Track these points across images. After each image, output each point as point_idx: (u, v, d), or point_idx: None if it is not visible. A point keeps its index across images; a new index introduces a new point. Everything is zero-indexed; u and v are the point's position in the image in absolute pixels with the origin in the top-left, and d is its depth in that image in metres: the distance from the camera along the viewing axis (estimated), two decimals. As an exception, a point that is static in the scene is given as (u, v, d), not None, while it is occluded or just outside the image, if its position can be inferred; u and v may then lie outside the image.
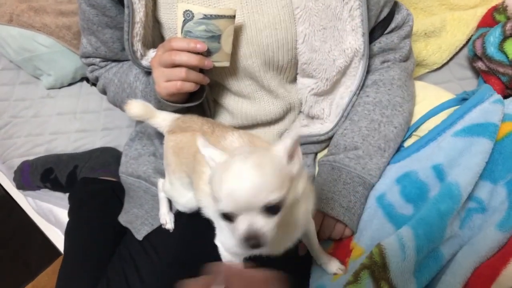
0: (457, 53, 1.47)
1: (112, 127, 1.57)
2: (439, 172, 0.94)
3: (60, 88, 1.72)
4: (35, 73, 1.72)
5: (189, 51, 0.89)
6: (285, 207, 0.64)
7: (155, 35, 1.05)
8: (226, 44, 0.93)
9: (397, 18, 1.05)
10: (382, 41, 1.05)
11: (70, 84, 1.73)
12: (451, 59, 1.47)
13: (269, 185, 0.61)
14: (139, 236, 1.08)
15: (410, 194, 0.95)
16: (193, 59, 0.89)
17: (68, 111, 1.63)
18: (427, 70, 1.45)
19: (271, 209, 0.62)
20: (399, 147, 1.05)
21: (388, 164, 1.01)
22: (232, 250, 0.81)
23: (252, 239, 0.61)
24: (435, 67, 1.46)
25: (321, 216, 0.98)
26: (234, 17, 0.90)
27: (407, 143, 1.06)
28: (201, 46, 0.89)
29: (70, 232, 1.19)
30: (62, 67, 1.66)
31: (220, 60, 0.94)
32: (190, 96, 1.01)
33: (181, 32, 0.90)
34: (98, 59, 1.14)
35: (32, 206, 1.53)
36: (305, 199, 0.74)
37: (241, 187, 0.61)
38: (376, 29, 1.03)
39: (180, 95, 0.97)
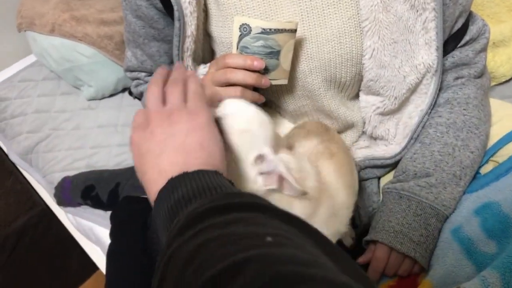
0: (528, 64, 1.34)
1: (154, 141, 1.50)
2: (526, 205, 0.83)
3: (101, 99, 1.67)
4: (76, 84, 1.67)
5: (245, 69, 0.81)
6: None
7: (205, 49, 0.97)
8: (286, 60, 0.84)
9: (472, 30, 0.94)
10: (456, 55, 0.94)
11: (111, 95, 1.68)
12: (521, 70, 1.34)
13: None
14: None
15: (493, 229, 0.83)
16: (250, 78, 0.81)
17: (109, 124, 1.58)
18: (494, 83, 1.33)
19: None
20: (475, 175, 0.93)
21: (464, 193, 0.90)
22: None
23: None
24: (503, 80, 1.33)
25: (387, 251, 0.88)
26: (295, 31, 0.82)
27: (484, 170, 0.94)
28: (258, 64, 0.80)
29: (111, 256, 1.13)
30: (103, 78, 1.60)
31: (278, 78, 0.86)
32: None
33: (237, 48, 0.82)
34: (143, 74, 1.08)
35: (72, 223, 1.48)
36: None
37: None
38: (449, 42, 0.92)
39: None
